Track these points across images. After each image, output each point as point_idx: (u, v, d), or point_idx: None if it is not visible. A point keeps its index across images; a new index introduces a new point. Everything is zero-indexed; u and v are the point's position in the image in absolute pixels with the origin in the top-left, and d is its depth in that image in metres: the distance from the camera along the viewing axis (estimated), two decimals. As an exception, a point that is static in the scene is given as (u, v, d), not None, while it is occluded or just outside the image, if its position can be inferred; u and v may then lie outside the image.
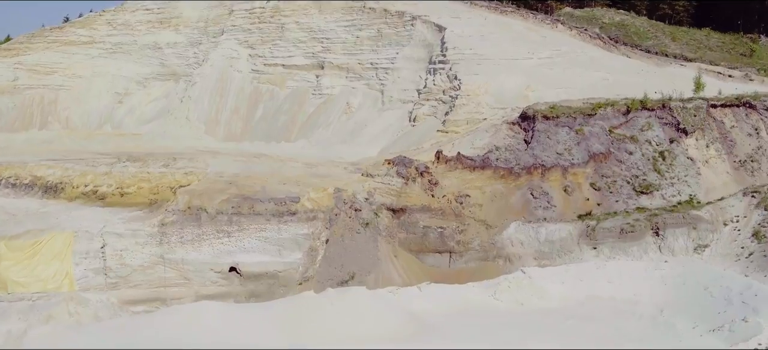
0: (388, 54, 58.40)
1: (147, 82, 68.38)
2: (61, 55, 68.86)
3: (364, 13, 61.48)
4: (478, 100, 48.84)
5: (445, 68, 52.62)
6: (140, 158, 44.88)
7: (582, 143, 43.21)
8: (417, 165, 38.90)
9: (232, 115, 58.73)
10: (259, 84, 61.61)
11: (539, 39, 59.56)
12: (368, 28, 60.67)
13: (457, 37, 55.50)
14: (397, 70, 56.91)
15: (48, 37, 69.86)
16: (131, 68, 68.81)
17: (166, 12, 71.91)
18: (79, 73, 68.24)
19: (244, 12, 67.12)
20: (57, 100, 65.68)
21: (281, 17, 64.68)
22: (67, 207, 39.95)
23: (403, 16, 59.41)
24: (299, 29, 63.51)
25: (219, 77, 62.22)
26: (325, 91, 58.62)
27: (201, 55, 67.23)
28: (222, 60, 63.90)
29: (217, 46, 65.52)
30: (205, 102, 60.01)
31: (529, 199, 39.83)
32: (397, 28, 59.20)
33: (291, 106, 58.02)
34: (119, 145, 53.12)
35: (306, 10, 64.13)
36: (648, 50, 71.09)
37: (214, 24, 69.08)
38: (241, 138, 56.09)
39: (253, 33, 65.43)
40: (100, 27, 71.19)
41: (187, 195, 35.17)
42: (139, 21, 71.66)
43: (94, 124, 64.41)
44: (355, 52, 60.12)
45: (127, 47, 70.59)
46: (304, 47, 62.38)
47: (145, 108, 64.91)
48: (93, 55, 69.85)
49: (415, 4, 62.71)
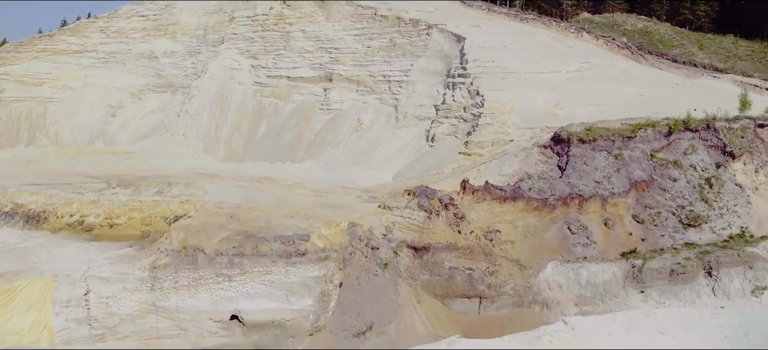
0: (401, 66, 54.85)
1: (142, 94, 64.88)
2: (51, 65, 65.46)
3: (376, 22, 57.93)
4: (503, 118, 45.27)
5: (465, 83, 49.03)
6: (132, 183, 41.33)
7: (622, 169, 39.73)
8: (441, 196, 35.29)
9: (232, 131, 55.14)
10: (262, 97, 58.05)
11: (565, 50, 55.94)
12: (380, 38, 57.12)
13: (477, 48, 51.92)
14: (411, 83, 53.37)
15: (37, 45, 66.40)
16: (125, 79, 65.39)
17: (163, 18, 68.45)
18: (70, 84, 64.83)
19: (245, 19, 63.60)
20: (46, 114, 62.24)
21: (286, 25, 61.16)
22: (49, 242, 36.54)
23: (417, 24, 55.85)
24: (305, 38, 59.96)
25: (219, 90, 58.67)
26: (333, 106, 55.07)
27: (199, 66, 63.72)
28: (222, 71, 60.36)
29: (217, 55, 62.00)
30: (204, 117, 56.45)
31: (566, 235, 36.25)
32: (412, 38, 55.65)
33: (297, 122, 54.44)
34: (110, 165, 49.63)
35: (312, 18, 60.59)
36: (675, 59, 67.57)
37: (213, 31, 65.57)
38: (242, 157, 52.53)
39: (256, 42, 61.91)
40: (93, 34, 67.77)
41: (183, 233, 31.57)
42: (134, 28, 68.22)
43: (85, 140, 60.93)
44: (365, 64, 56.58)
45: (121, 56, 67.18)
46: (311, 58, 58.82)
47: (139, 122, 61.39)
48: (85, 65, 66.43)
49: (431, 12, 59.21)
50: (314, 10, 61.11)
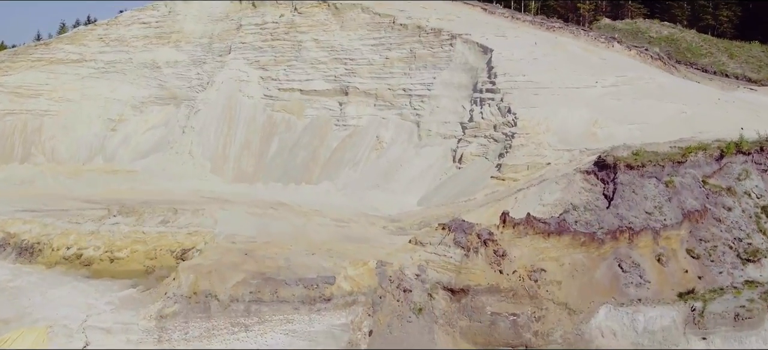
0: (423, 78, 51.87)
1: (144, 107, 61.96)
2: (47, 75, 62.64)
3: (394, 31, 54.97)
4: (538, 139, 42.24)
5: (494, 98, 46.03)
6: (134, 210, 38.35)
7: (673, 198, 36.68)
8: (479, 231, 32.21)
9: (242, 149, 52.17)
10: (273, 112, 55.09)
11: (598, 62, 52.90)
12: (399, 48, 54.16)
13: (506, 60, 48.91)
14: (434, 97, 50.38)
15: (32, 54, 63.54)
16: (126, 90, 62.51)
17: (165, 25, 65.53)
18: (67, 96, 61.97)
19: (254, 27, 60.64)
20: (42, 128, 59.39)
21: (297, 34, 58.20)
22: (44, 279, 33.56)
23: (440, 34, 52.87)
24: (318, 48, 56.99)
25: (226, 104, 55.73)
26: (350, 122, 52.10)
27: (205, 77, 60.78)
28: (229, 83, 57.42)
29: (224, 66, 59.06)
30: (211, 134, 53.49)
31: (617, 273, 33.14)
32: (434, 49, 52.65)
33: (311, 139, 51.48)
34: (111, 187, 46.68)
35: (326, 26, 57.63)
36: (705, 69, 64.71)
37: (219, 40, 62.60)
38: (253, 178, 49.59)
39: (265, 52, 58.94)
40: (91, 43, 64.90)
41: (193, 275, 28.55)
42: (135, 36, 65.32)
43: (83, 156, 58.06)
44: (384, 76, 53.60)
45: (122, 66, 64.29)
46: (325, 69, 55.86)
47: (141, 137, 58.50)
48: (83, 75, 63.58)
49: (452, 21, 56.27)
50: (328, 18, 58.14)
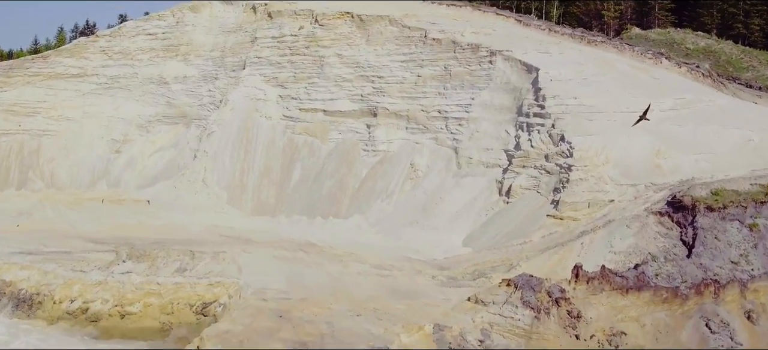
0: (460, 99, 48.38)
1: (150, 126, 58.48)
2: (46, 92, 59.20)
3: (426, 46, 51.43)
4: (597, 172, 38.67)
5: (544, 124, 42.43)
6: (146, 253, 34.82)
7: (759, 244, 33.31)
8: (549, 288, 28.56)
9: (261, 177, 48.60)
10: (294, 135, 51.54)
11: (651, 81, 49.33)
12: (432, 65, 50.64)
13: (553, 80, 45.38)
14: (473, 121, 46.84)
15: (29, 68, 60.06)
16: (131, 108, 59.06)
17: (173, 37, 62.05)
18: (68, 114, 58.51)
19: (270, 40, 57.12)
20: (40, 150, 55.93)
21: (319, 48, 54.65)
22: (45, 338, 30.08)
23: (477, 50, 49.33)
24: (342, 64, 53.43)
25: (242, 125, 52.20)
26: (380, 147, 48.57)
27: (217, 94, 57.29)
28: (245, 102, 53.91)
29: (238, 83, 55.52)
30: (226, 159, 49.91)
31: (704, 334, 29.50)
32: (471, 66, 49.12)
33: (337, 165, 47.91)
34: (117, 221, 43.15)
35: (350, 40, 54.11)
36: (749, 84, 61.13)
37: (232, 54, 59.09)
38: (275, 210, 46.01)
39: (284, 68, 55.40)
40: (93, 56, 61.41)
41: (220, 345, 24.90)
42: (140, 48, 61.81)
43: (85, 181, 54.64)
44: (416, 96, 50.10)
45: (126, 81, 60.84)
46: (350, 87, 52.33)
47: (148, 160, 55.05)
48: (84, 91, 60.12)
49: (489, 34, 52.78)
50: (352, 31, 54.60)
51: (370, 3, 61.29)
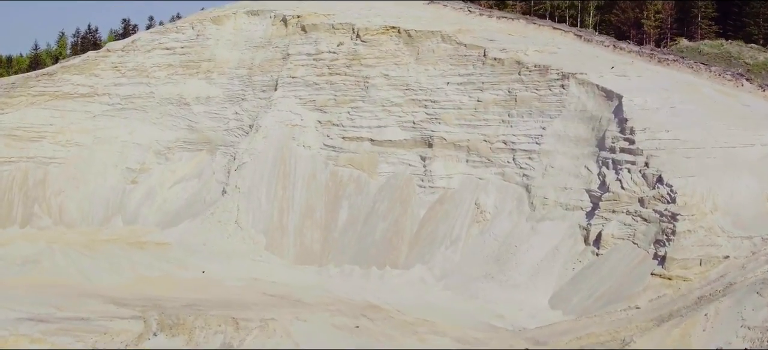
0: (528, 128, 44.46)
1: (170, 153, 54.53)
2: (52, 113, 55.28)
3: (486, 66, 47.53)
4: (706, 222, 34.73)
5: (635, 162, 38.49)
6: (180, 322, 31.19)
7: None
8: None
9: (303, 218, 44.56)
10: (338, 167, 47.52)
11: (742, 109, 45.33)
12: (494, 89, 46.73)
13: (639, 109, 41.41)
14: (546, 154, 42.91)
15: (32, 87, 56.01)
16: (147, 132, 55.26)
17: (193, 52, 58.10)
18: (76, 139, 54.69)
19: (305, 57, 53.12)
20: (46, 180, 52.01)
21: (362, 67, 50.68)
22: None
23: (547, 72, 45.42)
24: (390, 86, 49.50)
25: (278, 156, 48.24)
26: (438, 183, 44.66)
27: (246, 118, 53.32)
28: (279, 128, 49.97)
29: (270, 106, 51.55)
30: (262, 196, 45.89)
31: None
32: (540, 91, 45.20)
33: (390, 205, 43.97)
34: (139, 270, 39.35)
35: (397, 59, 50.16)
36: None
37: (261, 72, 55.11)
38: (321, 257, 41.96)
39: (322, 89, 51.39)
40: (104, 73, 57.48)
41: None
42: (157, 64, 57.85)
43: (98, 216, 50.70)
44: (476, 124, 46.22)
45: (141, 101, 56.94)
46: (400, 113, 48.44)
47: (168, 192, 51.10)
48: (94, 113, 56.20)
49: (554, 53, 48.94)
50: (399, 48, 50.64)
51: (412, 13, 57.52)
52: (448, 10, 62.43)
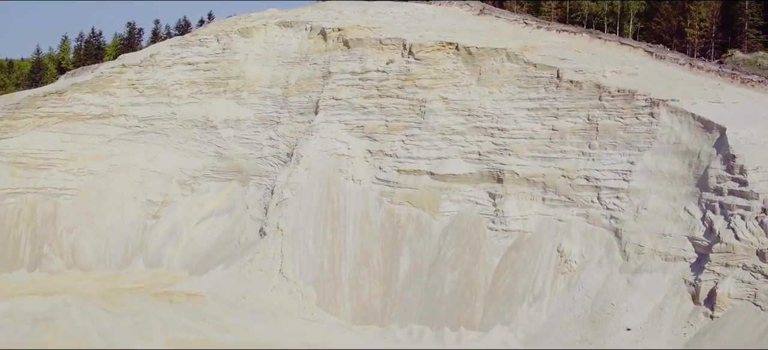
0: (613, 163, 41.06)
1: (196, 183, 51.26)
2: (61, 138, 52.04)
3: (561, 89, 44.14)
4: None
5: (749, 206, 35.05)
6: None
7: None
8: None
9: (358, 267, 40.97)
10: (394, 205, 44.06)
11: None
12: (570, 116, 43.39)
13: (747, 143, 38.01)
14: (637, 193, 39.50)
15: (40, 107, 52.48)
16: (170, 159, 52.17)
17: (219, 68, 54.69)
18: (90, 167, 51.46)
19: (349, 76, 49.62)
20: (56, 215, 48.60)
21: (416, 88, 47.22)
22: None
23: (632, 98, 42.05)
24: (449, 111, 46.07)
25: (324, 191, 44.74)
26: (512, 226, 41.23)
27: (282, 144, 49.98)
28: (323, 159, 46.46)
29: (312, 132, 48.10)
30: (309, 240, 42.32)
31: None
32: (625, 119, 41.78)
33: (459, 251, 40.43)
34: (171, 333, 35.46)
35: (457, 79, 46.75)
36: None
37: (298, 91, 51.65)
38: (383, 315, 38.46)
39: (371, 113, 47.96)
40: (120, 91, 54.13)
41: None
42: (178, 82, 54.52)
43: (116, 257, 47.53)
44: (552, 156, 42.80)
45: (162, 124, 53.66)
46: (463, 143, 45.06)
47: (195, 230, 47.83)
48: (110, 137, 52.87)
49: (634, 76, 45.83)
50: (458, 68, 47.15)
51: (466, 26, 54.09)
52: (503, 22, 59.03)
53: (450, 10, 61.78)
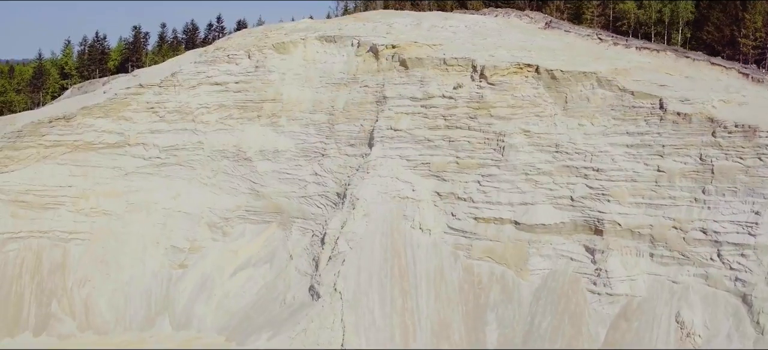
0: (734, 212, 37.23)
1: (229, 226, 47.03)
2: (70, 171, 48.16)
3: (666, 123, 40.00)
4: None
5: None
6: None
7: None
8: None
9: (436, 339, 36.94)
10: (472, 261, 39.86)
11: None
12: (679, 154, 39.32)
13: None
14: (765, 250, 34.46)
15: (45, 135, 48.14)
16: (197, 196, 48.39)
17: (252, 89, 50.48)
18: (104, 206, 47.73)
19: (409, 102, 45.33)
20: (66, 265, 44.45)
21: (492, 118, 42.84)
22: None
23: (753, 135, 37.61)
24: (533, 146, 41.77)
25: (387, 243, 40.64)
26: (617, 288, 37.12)
27: (330, 181, 45.96)
28: (383, 202, 42.40)
29: (368, 169, 43.96)
30: (375, 306, 38.13)
31: None
32: (745, 160, 37.83)
33: (556, 322, 36.56)
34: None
35: (539, 108, 42.43)
36: None
37: (347, 118, 47.33)
38: (472, 401, 33.39)
39: (438, 148, 43.65)
40: (137, 115, 49.82)
41: None
42: (205, 105, 50.16)
43: (138, 316, 43.53)
44: (659, 202, 38.90)
45: (187, 155, 49.55)
46: (551, 185, 41.10)
47: (231, 283, 43.78)
48: (126, 170, 48.83)
49: (745, 105, 41.01)
50: (539, 94, 42.69)
51: (540, 43, 49.45)
52: (574, 37, 54.58)
53: (512, 22, 57.13)
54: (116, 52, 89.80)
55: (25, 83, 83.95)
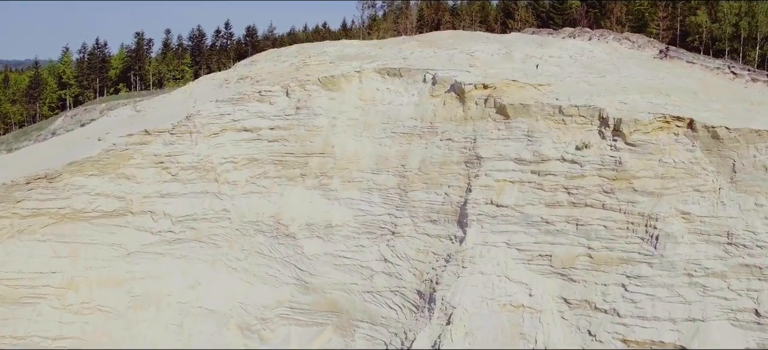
0: None
1: (267, 328, 39.46)
2: (54, 250, 39.62)
3: None
4: None
5: None
6: None
7: None
8: None
9: None
10: (625, 403, 30.23)
11: None
12: None
13: None
14: None
15: (20, 202, 39.82)
16: (224, 287, 39.14)
17: (293, 138, 42.50)
18: (99, 299, 39.93)
19: (514, 166, 37.05)
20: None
21: (636, 193, 34.39)
22: None
23: None
24: (697, 236, 33.67)
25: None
26: None
27: (406, 271, 37.02)
28: (489, 312, 34.06)
29: (464, 262, 34.78)
30: None
31: None
32: None
33: None
34: None
35: (699, 179, 34.28)
36: None
37: (424, 183, 39.45)
38: None
39: (562, 234, 35.31)
40: (142, 172, 41.69)
41: None
42: (231, 159, 41.82)
43: None
44: None
45: (210, 228, 41.05)
46: (726, 294, 32.86)
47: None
48: (129, 248, 40.77)
49: None
50: (698, 159, 34.01)
51: (668, 82, 40.67)
52: (701, 70, 46.13)
53: (623, 51, 48.48)
54: (118, 60, 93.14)
55: (20, 93, 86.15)
